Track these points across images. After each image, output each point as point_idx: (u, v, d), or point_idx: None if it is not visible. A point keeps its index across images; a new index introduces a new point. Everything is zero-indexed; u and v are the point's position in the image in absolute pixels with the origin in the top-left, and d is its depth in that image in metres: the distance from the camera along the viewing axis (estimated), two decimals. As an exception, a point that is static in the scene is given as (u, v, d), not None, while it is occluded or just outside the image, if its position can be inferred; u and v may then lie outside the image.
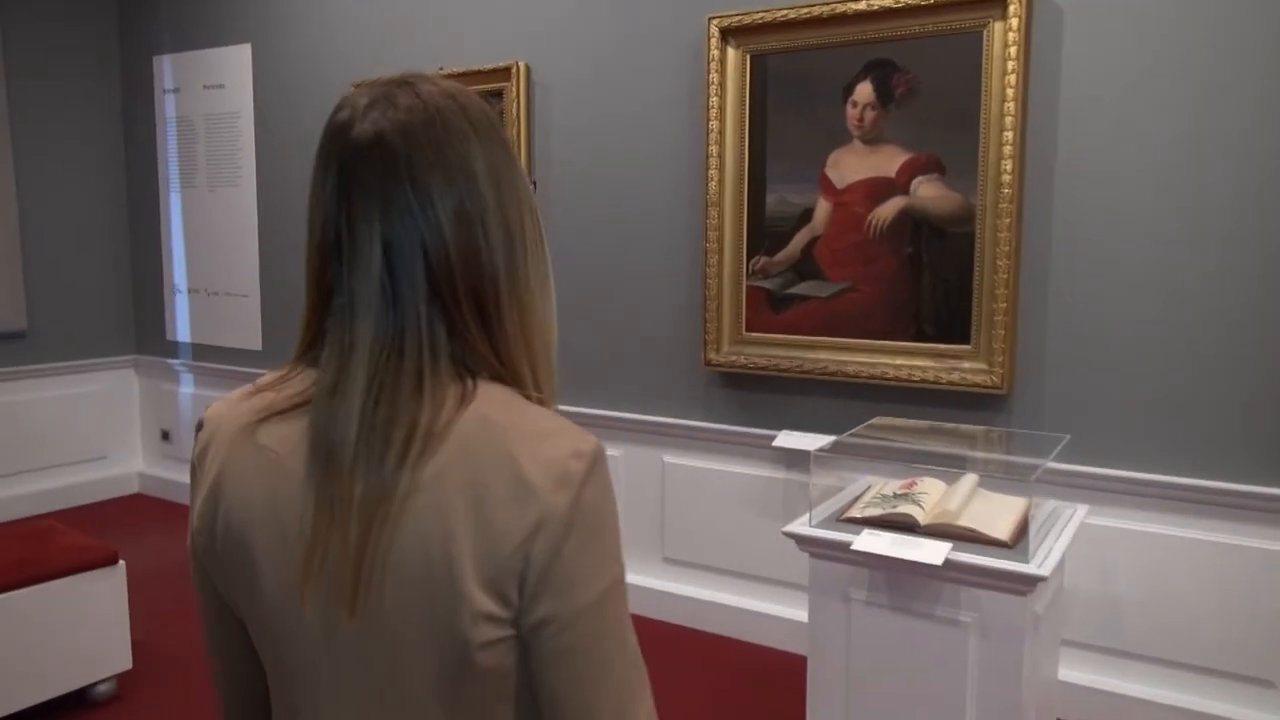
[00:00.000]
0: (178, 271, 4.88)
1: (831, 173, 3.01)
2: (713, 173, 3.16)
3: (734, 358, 3.21)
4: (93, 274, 4.94)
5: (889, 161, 2.92)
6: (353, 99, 0.82)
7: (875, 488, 2.42)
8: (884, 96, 2.91)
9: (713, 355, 3.24)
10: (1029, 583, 1.95)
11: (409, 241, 0.78)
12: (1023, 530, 2.09)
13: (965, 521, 2.13)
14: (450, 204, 0.79)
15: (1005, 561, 1.98)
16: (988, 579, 1.98)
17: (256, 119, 4.43)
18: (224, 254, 4.66)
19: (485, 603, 0.73)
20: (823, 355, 3.07)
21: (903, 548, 2.03)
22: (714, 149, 3.15)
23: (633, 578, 3.52)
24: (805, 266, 3.09)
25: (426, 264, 0.78)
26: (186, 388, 4.93)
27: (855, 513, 2.27)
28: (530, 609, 0.74)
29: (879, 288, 2.97)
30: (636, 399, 3.50)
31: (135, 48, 4.91)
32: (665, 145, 3.33)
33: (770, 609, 3.26)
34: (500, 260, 0.82)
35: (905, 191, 2.90)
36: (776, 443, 3.12)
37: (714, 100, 3.13)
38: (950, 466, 2.47)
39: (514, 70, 3.56)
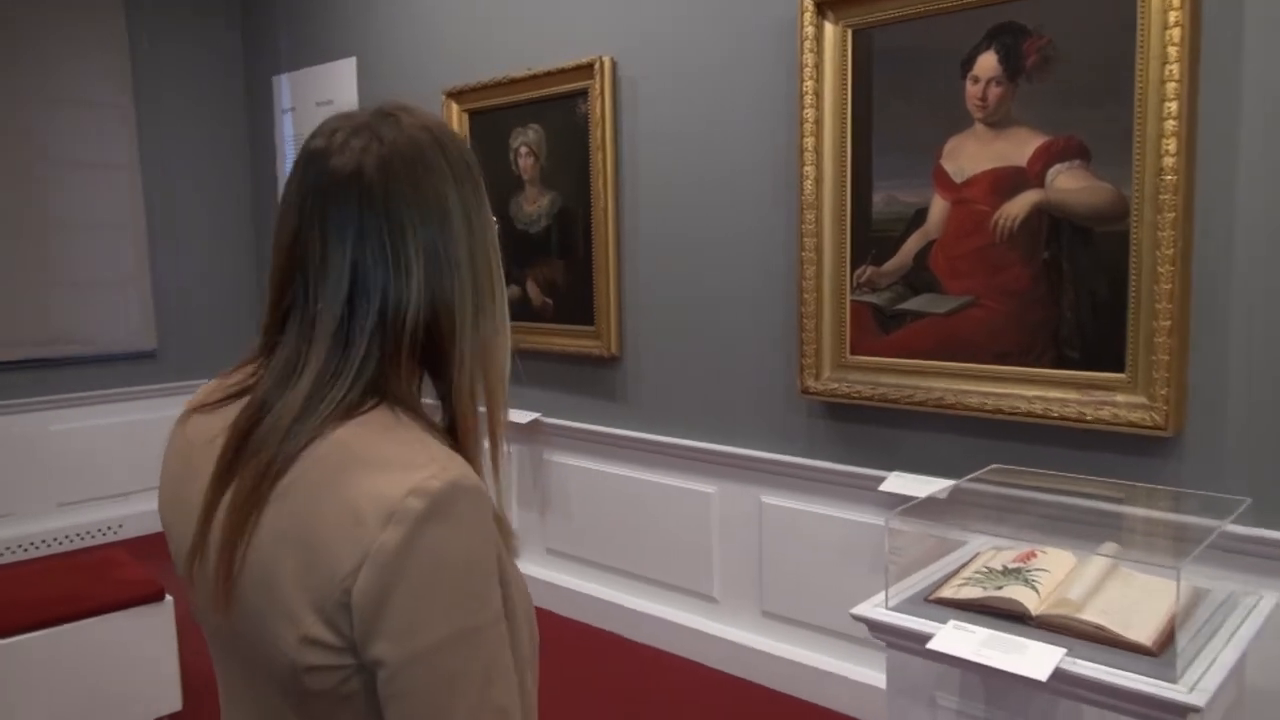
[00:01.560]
0: (296, 290, 4.87)
1: (949, 164, 2.51)
2: (808, 169, 2.71)
3: (835, 385, 2.75)
4: (220, 293, 5.01)
5: (1019, 148, 2.38)
6: (330, 126, 0.84)
7: (983, 556, 1.92)
8: (1011, 68, 2.38)
9: (811, 382, 2.79)
10: (1174, 711, 1.41)
11: (375, 272, 0.80)
12: (1171, 632, 1.55)
13: (1093, 615, 1.60)
14: (422, 240, 0.81)
15: (1141, 678, 1.45)
16: (1116, 701, 1.46)
17: (361, 134, 4.33)
18: (334, 272, 4.59)
19: (316, 628, 0.73)
20: (939, 384, 2.55)
21: (998, 651, 1.54)
22: (809, 141, 2.70)
23: (729, 632, 3.11)
24: (919, 277, 2.59)
25: (385, 297, 0.80)
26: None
27: (949, 591, 1.78)
28: (364, 646, 0.73)
29: (1008, 302, 2.43)
30: (729, 431, 3.09)
31: (257, 68, 4.95)
32: (754, 139, 2.91)
33: (877, 678, 2.76)
34: (466, 299, 0.83)
35: (1039, 183, 2.35)
36: (885, 486, 2.63)
37: (809, 85, 2.69)
38: (1084, 533, 1.93)
39: (598, 66, 3.23)
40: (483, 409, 0.90)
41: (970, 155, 2.47)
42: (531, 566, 3.77)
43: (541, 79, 3.43)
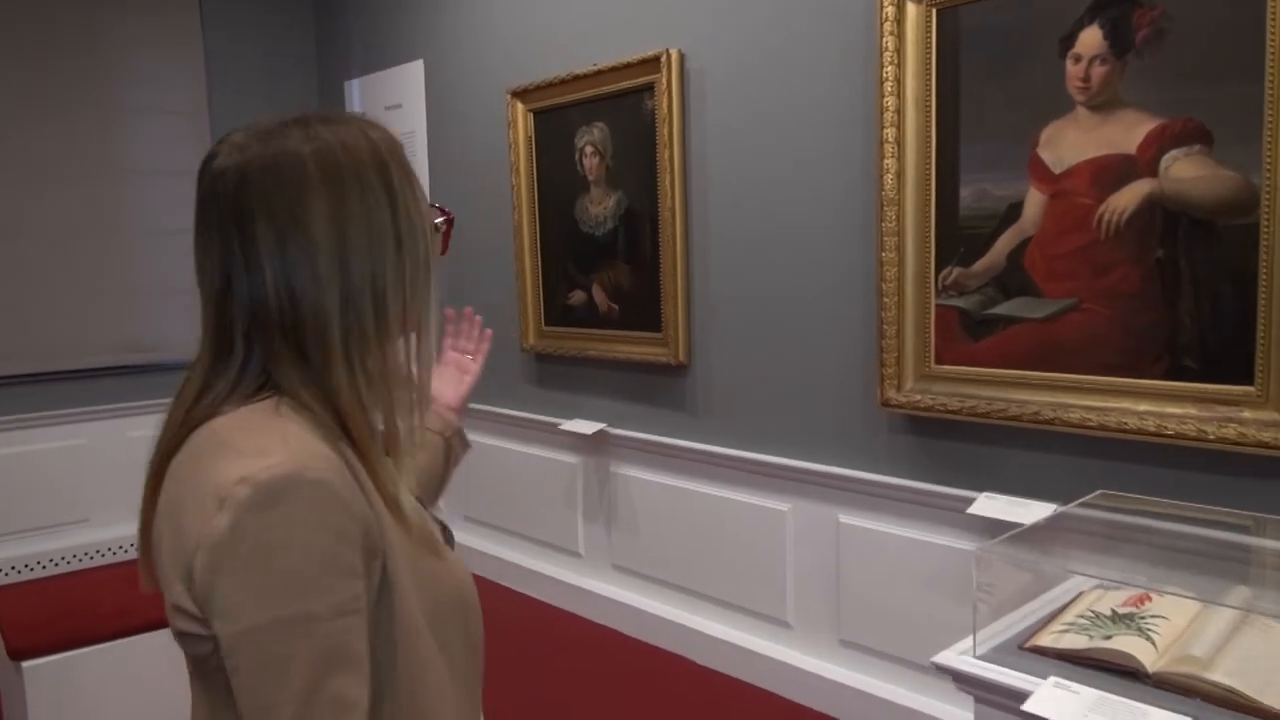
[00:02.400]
0: (367, 296, 4.83)
1: (1047, 153, 2.26)
2: (888, 163, 2.49)
3: (919, 397, 2.52)
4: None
5: (1127, 133, 2.13)
6: (232, 133, 0.90)
7: (1088, 597, 1.68)
8: (1119, 43, 2.12)
9: (892, 394, 2.56)
10: (1330, 802, 1.17)
11: (240, 276, 0.86)
12: (1323, 701, 1.30)
13: (1223, 675, 1.36)
14: (275, 247, 0.85)
15: (1287, 759, 1.21)
16: (1255, 784, 1.22)
17: (430, 137, 4.26)
18: (403, 278, 4.53)
19: (183, 598, 0.80)
20: (1035, 397, 2.30)
21: (1109, 717, 1.31)
22: (890, 132, 2.48)
23: (804, 661, 2.90)
24: (1012, 279, 2.35)
25: (252, 299, 0.86)
26: (376, 414, 4.87)
27: (1048, 638, 1.56)
28: (207, 621, 0.80)
29: (1115, 306, 2.17)
30: (804, 444, 2.88)
31: (330, 74, 4.93)
32: (830, 132, 2.70)
33: (965, 717, 2.51)
34: (332, 304, 0.86)
35: (1152, 172, 2.10)
36: (974, 509, 2.39)
37: (889, 71, 2.47)
38: (1208, 572, 1.67)
39: (664, 59, 3.06)
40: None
41: (1071, 143, 2.22)
42: (597, 583, 3.62)
43: (606, 75, 3.28)
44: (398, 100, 4.42)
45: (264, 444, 0.82)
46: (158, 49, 4.50)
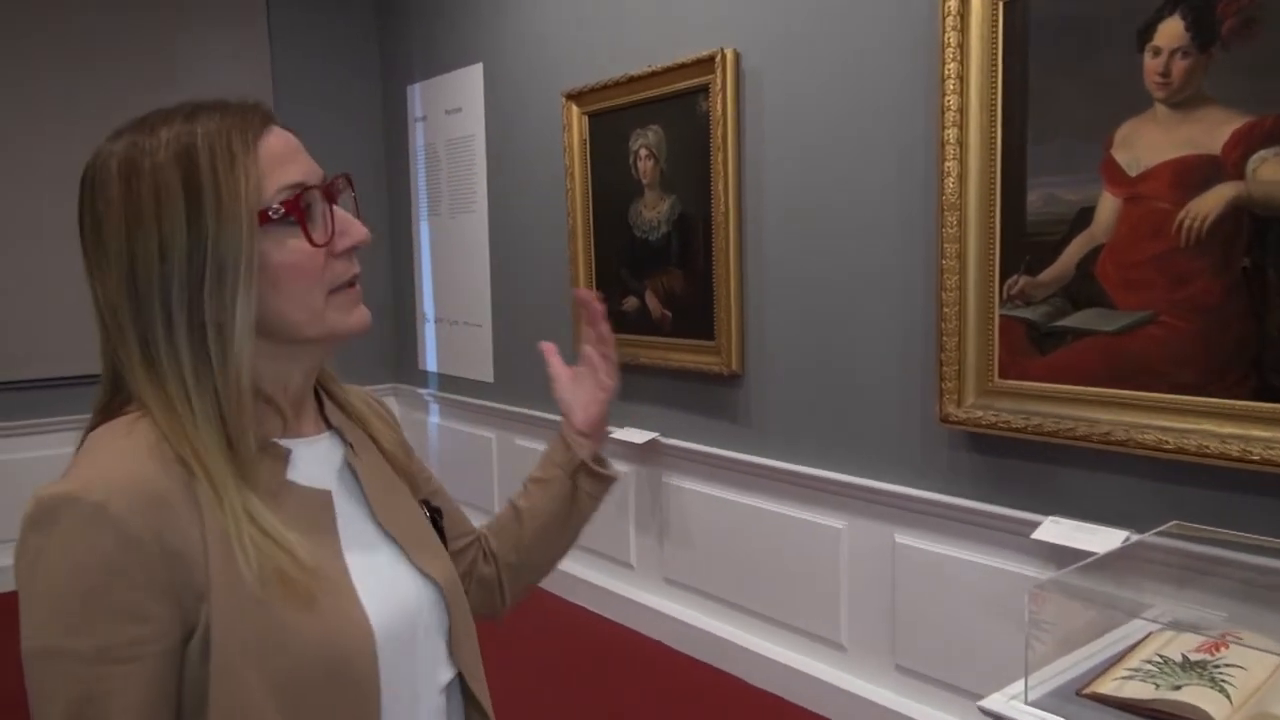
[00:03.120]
0: (426, 300, 4.85)
1: (1121, 155, 2.10)
2: (949, 165, 2.36)
3: (980, 414, 2.37)
4: (356, 304, 5.04)
5: (1211, 132, 1.96)
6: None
7: (1156, 640, 1.54)
8: (1202, 36, 1.96)
9: (952, 409, 2.42)
10: None
11: (88, 281, 0.84)
12: None
13: (1307, 737, 1.22)
14: (90, 250, 0.83)
15: (1381, 841, 1.06)
16: None
17: (488, 141, 4.24)
18: (461, 282, 4.53)
19: None
20: (1106, 415, 2.15)
21: (1172, 780, 1.18)
22: (951, 133, 2.35)
23: (858, 686, 2.78)
24: (1083, 289, 2.20)
25: (96, 306, 0.84)
26: (434, 418, 4.88)
27: (1109, 685, 1.42)
28: None
29: (1195, 319, 2.01)
30: (860, 460, 2.75)
31: (393, 78, 4.96)
32: (889, 133, 2.58)
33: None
34: (127, 308, 0.81)
35: (1238, 174, 1.93)
36: (1039, 534, 2.25)
37: (951, 68, 2.34)
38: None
39: (719, 59, 2.97)
40: None
41: (1149, 143, 2.06)
42: (649, 596, 3.54)
43: (660, 76, 3.20)
44: (458, 104, 4.42)
45: (83, 462, 0.78)
46: (227, 59, 4.57)
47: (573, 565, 3.91)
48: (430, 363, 4.86)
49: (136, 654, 0.73)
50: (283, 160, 0.84)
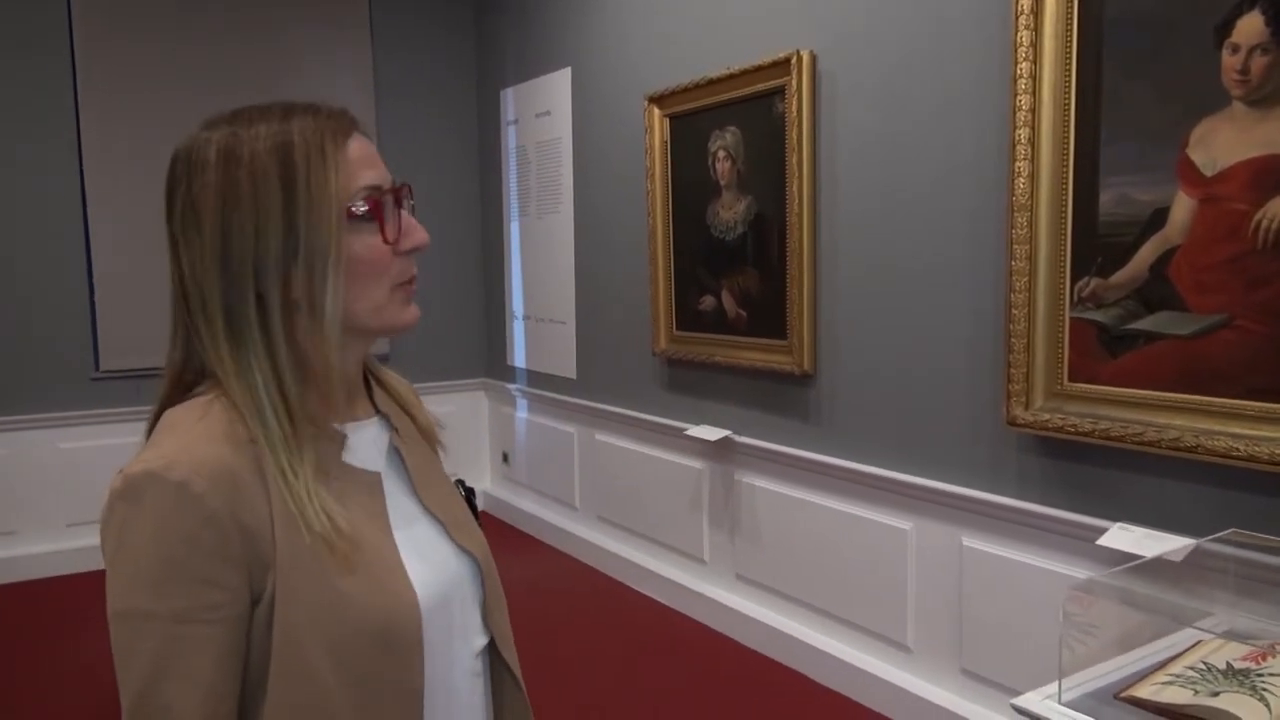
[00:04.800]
0: (515, 298, 4.99)
1: (1197, 154, 2.05)
2: (1020, 165, 2.34)
3: (1048, 417, 2.34)
4: (450, 298, 5.23)
5: (1291, 130, 1.90)
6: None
7: (1204, 647, 1.51)
8: (1282, 31, 1.90)
9: (1019, 412, 2.40)
10: None
11: (171, 262, 0.90)
12: None
13: (1345, 748, 1.19)
14: (181, 231, 0.88)
15: None
16: None
17: (574, 143, 4.35)
18: (547, 281, 4.65)
19: None
20: (1176, 421, 2.10)
21: (1195, 782, 1.17)
22: (1023, 133, 2.33)
23: (924, 689, 2.77)
24: (1156, 291, 2.15)
25: (180, 284, 0.89)
26: (522, 413, 5.02)
27: (1148, 689, 1.41)
28: None
29: (1271, 323, 1.95)
30: (928, 461, 2.74)
31: (487, 82, 5.13)
32: (961, 133, 2.56)
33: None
34: (216, 289, 0.86)
35: (1318, 174, 1.86)
36: (1105, 540, 2.21)
37: (1023, 67, 2.31)
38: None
39: (794, 61, 3.00)
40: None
41: (1226, 142, 2.01)
42: (720, 592, 3.58)
43: (738, 78, 3.24)
44: (546, 108, 4.54)
45: (165, 440, 0.85)
46: (331, 61, 4.80)
47: (645, 558, 3.98)
48: (519, 359, 5.01)
49: (211, 618, 0.81)
50: (364, 164, 0.92)
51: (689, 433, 3.59)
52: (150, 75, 4.41)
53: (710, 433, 3.50)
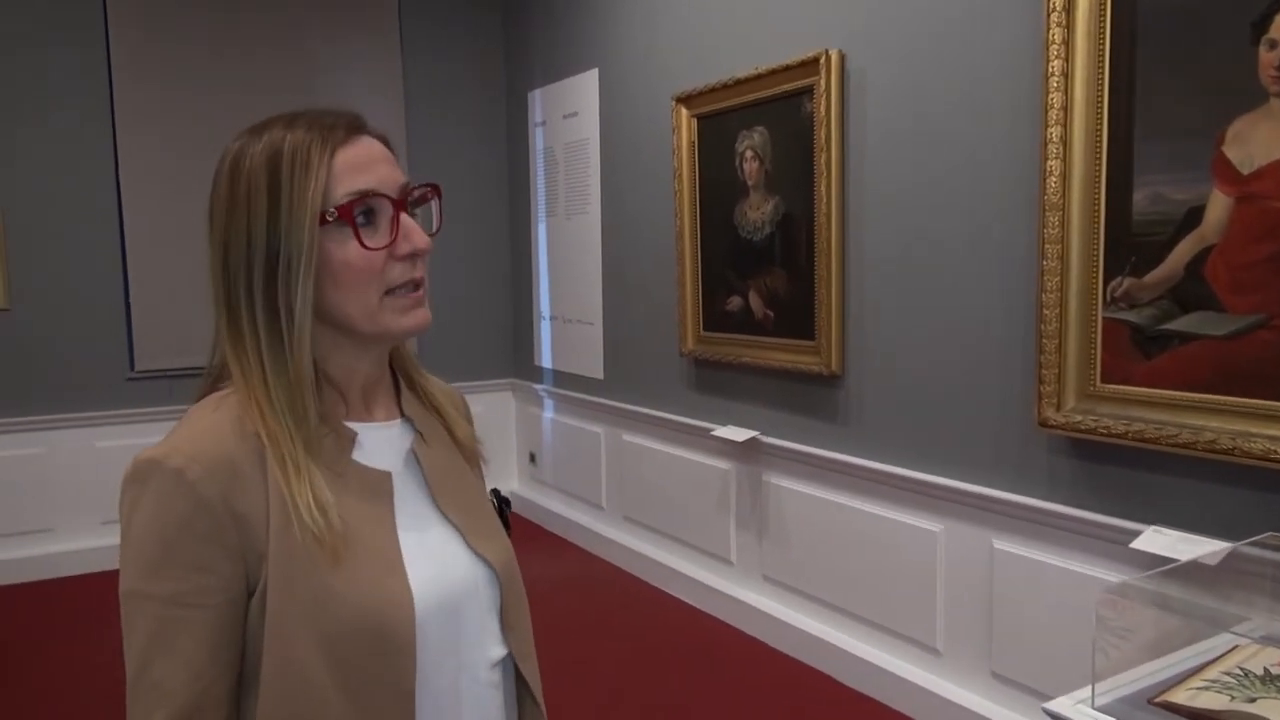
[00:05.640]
0: (543, 298, 5.01)
1: (1234, 152, 2.02)
2: (1052, 164, 2.31)
3: (1080, 419, 2.32)
4: (478, 298, 5.25)
5: (1330, 127, 1.87)
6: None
7: (1241, 652, 1.49)
8: (1321, 27, 1.87)
9: (1050, 413, 2.37)
10: None
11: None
12: None
13: (1387, 756, 1.17)
14: (208, 234, 0.94)
15: None
16: None
17: (601, 144, 4.36)
18: (575, 281, 4.67)
19: None
20: (1212, 423, 2.07)
21: (1232, 789, 1.15)
22: (1054, 131, 2.30)
23: (953, 692, 2.75)
24: (1191, 291, 2.12)
25: (213, 287, 0.94)
26: (549, 413, 5.03)
27: (1183, 694, 1.39)
28: None
29: (1310, 323, 1.92)
30: (959, 463, 2.72)
31: (515, 84, 5.15)
32: (992, 132, 2.54)
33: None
34: (220, 292, 0.92)
35: (1359, 172, 1.83)
36: (1139, 543, 2.18)
37: (1055, 65, 2.29)
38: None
39: (823, 60, 2.98)
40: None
41: (1263, 140, 1.98)
42: (747, 593, 3.57)
43: (766, 78, 3.24)
44: (574, 109, 4.55)
45: (177, 431, 0.89)
46: (361, 64, 4.84)
47: (672, 558, 3.98)
48: (546, 359, 5.02)
49: (203, 602, 0.84)
50: (357, 168, 0.91)
51: (716, 433, 3.58)
52: (184, 79, 4.47)
53: (738, 433, 3.49)
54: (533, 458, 5.22)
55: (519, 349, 5.32)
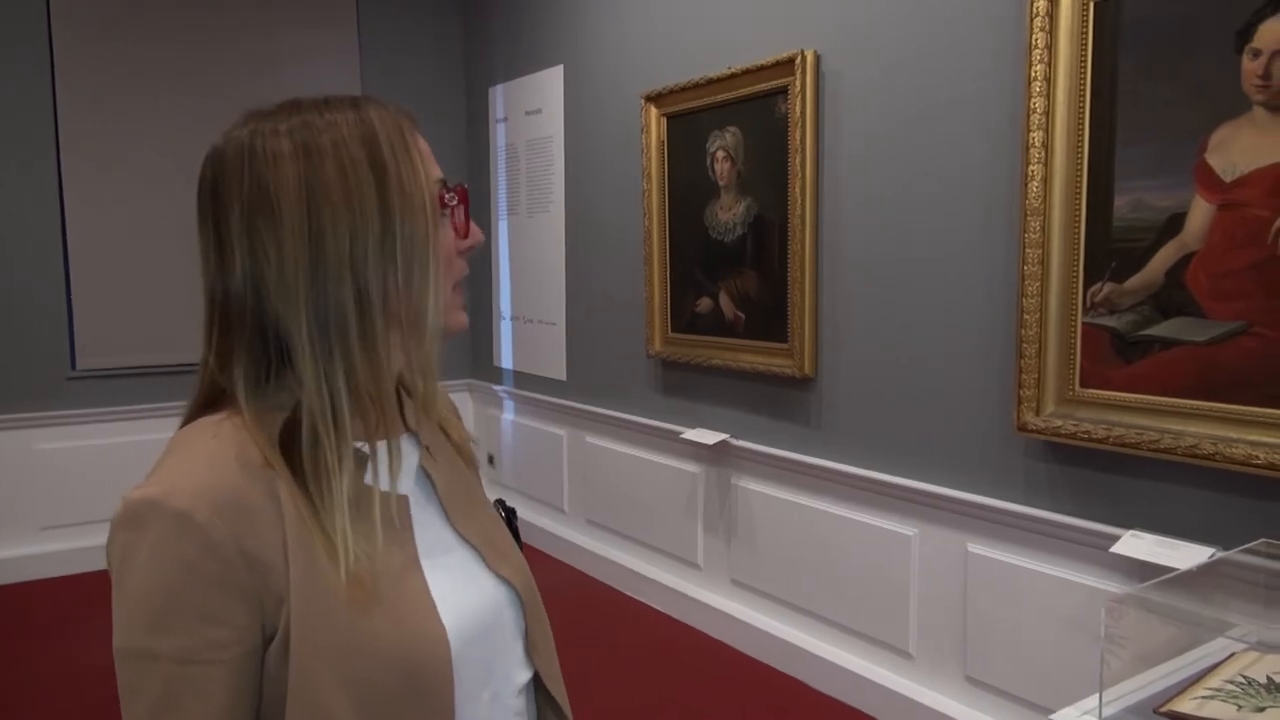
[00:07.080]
0: (503, 298, 4.93)
1: (1216, 159, 2.04)
2: (1034, 169, 2.31)
3: (1059, 423, 2.32)
4: (435, 300, 5.15)
5: (1313, 136, 1.89)
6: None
7: (1240, 660, 1.49)
8: (1305, 37, 1.89)
9: (1029, 418, 2.38)
10: None
11: (214, 267, 0.80)
12: None
13: (1400, 766, 1.17)
14: (243, 227, 0.78)
15: None
16: None
17: (566, 142, 4.29)
18: (537, 281, 4.60)
19: None
20: (1193, 428, 2.08)
21: (1252, 802, 1.14)
22: (1036, 136, 2.30)
23: (926, 696, 2.74)
24: (1171, 297, 2.13)
25: (226, 292, 0.80)
26: (509, 414, 4.95)
27: (1189, 704, 1.38)
28: None
29: (1291, 330, 1.94)
30: (934, 467, 2.71)
31: (476, 80, 5.06)
32: (973, 136, 2.54)
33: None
34: (302, 289, 0.77)
35: (1341, 181, 1.85)
36: (1118, 548, 2.19)
37: (1038, 70, 2.29)
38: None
39: (799, 61, 2.96)
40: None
41: (1245, 147, 2.00)
42: (714, 597, 3.54)
43: (740, 78, 3.20)
44: (538, 105, 4.48)
45: (171, 462, 0.77)
46: (319, 58, 4.72)
47: (639, 563, 3.93)
48: (505, 360, 4.94)
49: (217, 657, 0.74)
50: (428, 156, 0.86)
51: (685, 436, 3.54)
52: (131, 73, 4.31)
53: (707, 436, 3.45)
54: (491, 460, 5.13)
55: (478, 349, 5.22)
